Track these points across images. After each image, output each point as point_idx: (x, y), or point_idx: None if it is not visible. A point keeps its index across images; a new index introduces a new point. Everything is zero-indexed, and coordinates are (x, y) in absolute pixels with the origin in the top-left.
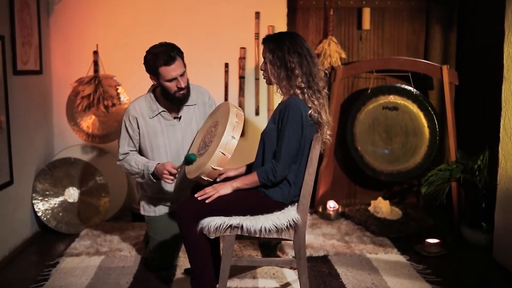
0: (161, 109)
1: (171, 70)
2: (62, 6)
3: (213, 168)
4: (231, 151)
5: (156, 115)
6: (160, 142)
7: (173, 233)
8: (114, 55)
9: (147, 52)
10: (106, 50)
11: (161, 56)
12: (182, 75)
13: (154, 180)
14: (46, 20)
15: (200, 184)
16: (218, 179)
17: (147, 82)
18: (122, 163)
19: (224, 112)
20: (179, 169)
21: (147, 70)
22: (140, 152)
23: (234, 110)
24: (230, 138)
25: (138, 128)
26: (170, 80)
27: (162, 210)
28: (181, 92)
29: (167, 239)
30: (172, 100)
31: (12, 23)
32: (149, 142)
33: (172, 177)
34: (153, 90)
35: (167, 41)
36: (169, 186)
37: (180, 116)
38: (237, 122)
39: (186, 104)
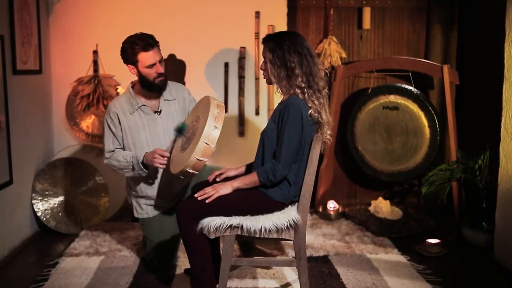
0: (141, 103)
1: (149, 56)
2: (61, 5)
3: (197, 159)
4: (214, 141)
5: (136, 110)
6: (142, 137)
7: (169, 233)
8: (114, 54)
9: (124, 42)
10: (106, 49)
11: (138, 43)
12: (160, 61)
13: (145, 170)
14: (45, 19)
15: (201, 185)
16: (218, 179)
17: None
18: (110, 161)
19: (205, 105)
20: (169, 153)
21: (125, 60)
22: (123, 149)
23: (215, 102)
24: (212, 128)
25: (120, 124)
26: (150, 66)
27: (154, 211)
28: (159, 78)
29: (164, 239)
30: (151, 87)
31: (11, 23)
32: (132, 138)
33: (164, 161)
34: (132, 86)
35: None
36: (155, 183)
37: (160, 110)
38: (218, 113)
39: (166, 99)
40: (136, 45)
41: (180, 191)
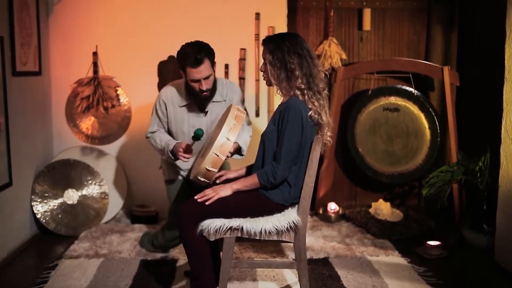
0: (189, 101)
1: (195, 72)
2: (61, 7)
3: (207, 169)
4: (225, 153)
5: (184, 105)
6: (185, 129)
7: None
8: (114, 56)
9: (181, 48)
10: (106, 51)
11: (188, 56)
12: (207, 77)
13: (173, 158)
14: (45, 20)
15: (200, 186)
16: (218, 181)
17: (147, 83)
18: (150, 139)
19: (226, 114)
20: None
21: (178, 63)
22: (169, 133)
23: (235, 112)
24: (224, 140)
25: (167, 111)
26: (194, 81)
27: (179, 176)
28: (203, 93)
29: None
30: (194, 96)
31: (11, 24)
32: (175, 127)
33: (187, 156)
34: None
35: (199, 40)
36: (189, 162)
37: (207, 111)
38: (234, 124)
39: (215, 100)
40: (186, 58)
41: None
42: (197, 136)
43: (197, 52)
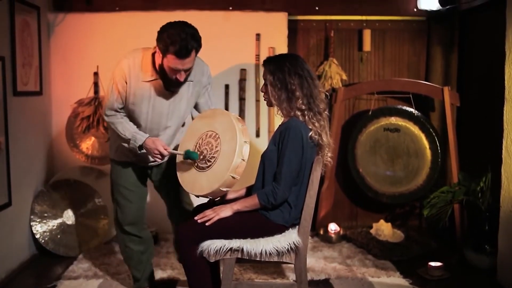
0: (155, 77)
1: (179, 63)
2: (62, 27)
3: (232, 177)
4: (240, 173)
5: (148, 81)
6: (143, 109)
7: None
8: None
9: (168, 27)
10: (107, 71)
11: (176, 43)
12: (186, 70)
13: (139, 151)
14: (46, 41)
15: (201, 207)
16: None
17: None
18: (110, 120)
19: (226, 125)
20: (169, 152)
21: (157, 42)
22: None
23: (240, 126)
24: (240, 161)
25: (127, 85)
26: (173, 70)
27: (128, 159)
28: (176, 82)
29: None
30: (165, 80)
31: (12, 44)
32: (132, 105)
33: (161, 158)
34: (154, 51)
35: (188, 23)
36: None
37: (174, 91)
38: (245, 142)
39: None
40: (172, 45)
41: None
42: (190, 158)
43: (188, 42)
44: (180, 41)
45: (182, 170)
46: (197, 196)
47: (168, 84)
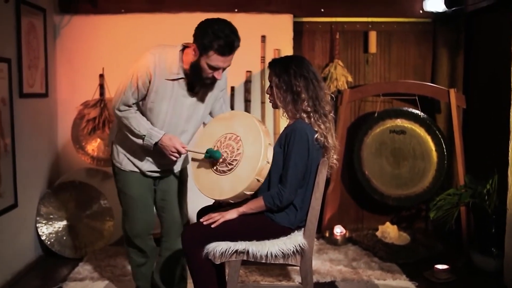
0: (182, 75)
1: (221, 61)
2: (68, 29)
3: (257, 180)
4: (264, 176)
5: (172, 80)
6: (163, 108)
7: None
8: (120, 78)
9: (212, 23)
10: (112, 73)
11: (222, 42)
12: (225, 69)
13: (152, 148)
14: (52, 43)
15: (206, 210)
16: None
17: None
18: (123, 116)
19: (248, 127)
20: (187, 150)
21: (196, 38)
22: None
23: (263, 128)
24: (265, 164)
25: (149, 84)
26: (212, 68)
27: (134, 167)
28: (211, 80)
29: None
30: (196, 79)
31: (19, 46)
32: (152, 103)
33: (179, 156)
34: (182, 49)
35: (229, 21)
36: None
37: (197, 92)
38: (269, 144)
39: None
40: (217, 42)
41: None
42: (212, 157)
43: (233, 39)
44: (225, 37)
45: (199, 174)
46: (217, 201)
47: (197, 82)
